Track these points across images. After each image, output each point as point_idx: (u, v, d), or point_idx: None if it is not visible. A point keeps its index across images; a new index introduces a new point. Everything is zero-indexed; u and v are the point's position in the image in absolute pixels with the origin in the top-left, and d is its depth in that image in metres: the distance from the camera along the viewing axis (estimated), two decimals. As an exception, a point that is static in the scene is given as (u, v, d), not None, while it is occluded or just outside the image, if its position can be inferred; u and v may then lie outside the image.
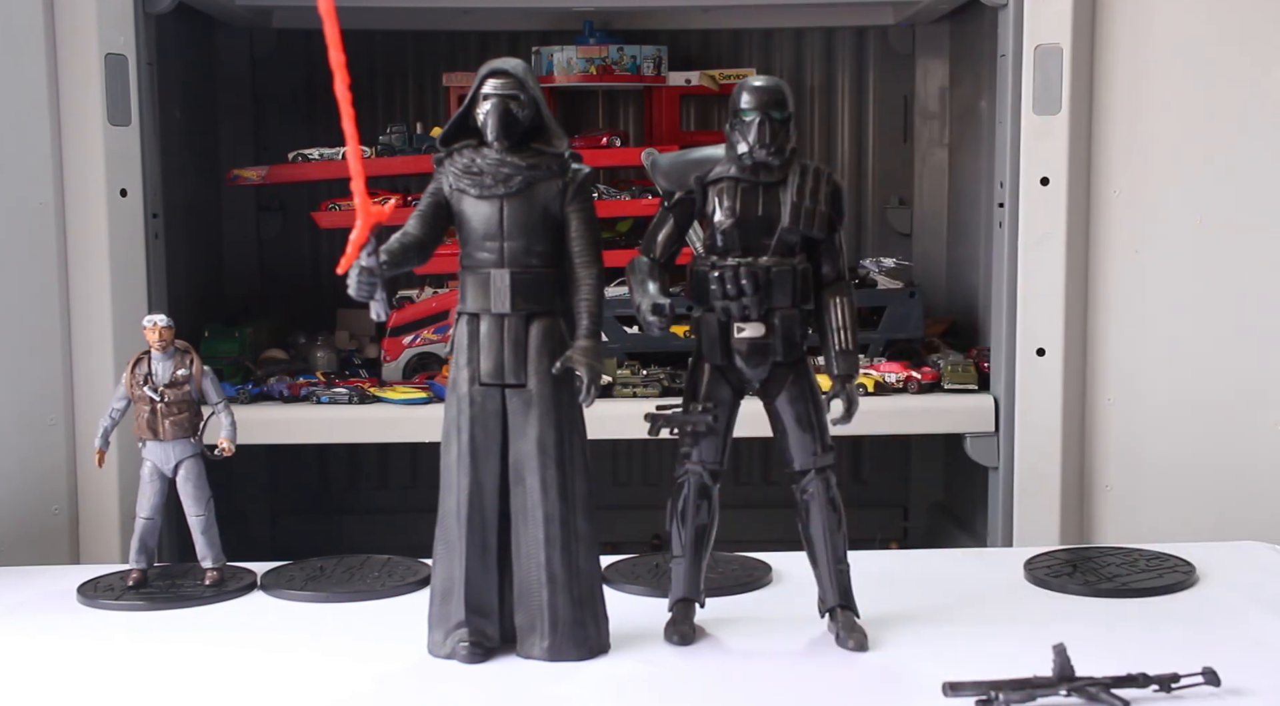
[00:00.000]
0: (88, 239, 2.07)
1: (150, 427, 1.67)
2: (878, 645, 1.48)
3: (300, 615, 1.63)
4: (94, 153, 2.06)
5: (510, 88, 1.42)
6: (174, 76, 2.39)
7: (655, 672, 1.43)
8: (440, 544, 1.47)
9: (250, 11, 2.55)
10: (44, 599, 1.69)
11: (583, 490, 1.46)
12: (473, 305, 1.45)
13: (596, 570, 1.48)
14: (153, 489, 1.69)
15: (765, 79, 1.49)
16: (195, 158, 2.58)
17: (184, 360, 1.68)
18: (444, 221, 1.46)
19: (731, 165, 1.47)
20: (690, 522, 1.51)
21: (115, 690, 1.40)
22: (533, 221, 1.43)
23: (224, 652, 1.50)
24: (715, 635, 1.53)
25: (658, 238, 1.52)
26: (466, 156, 1.44)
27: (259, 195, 2.78)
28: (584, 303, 1.44)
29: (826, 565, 1.51)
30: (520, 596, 1.46)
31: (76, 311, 2.08)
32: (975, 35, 2.52)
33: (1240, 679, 1.34)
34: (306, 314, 2.70)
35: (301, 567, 1.78)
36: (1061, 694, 1.29)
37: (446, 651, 1.46)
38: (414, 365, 2.41)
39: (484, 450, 1.45)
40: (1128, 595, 1.65)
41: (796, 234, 1.47)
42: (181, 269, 2.38)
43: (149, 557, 1.71)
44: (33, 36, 2.02)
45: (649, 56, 2.58)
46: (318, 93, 2.68)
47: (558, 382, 1.43)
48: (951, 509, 2.77)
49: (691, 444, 1.50)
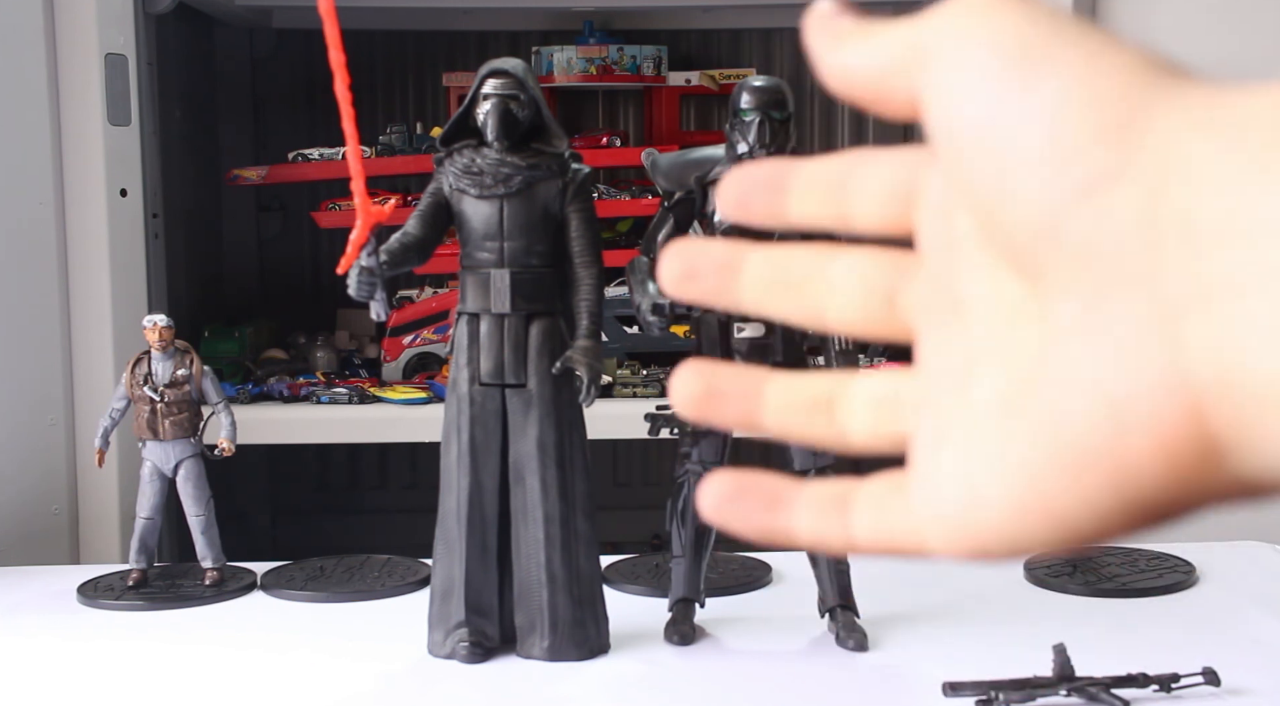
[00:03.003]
0: (88, 239, 2.07)
1: (150, 428, 1.67)
2: (878, 645, 1.48)
3: (300, 615, 1.63)
4: (94, 153, 2.06)
5: (510, 88, 1.42)
6: (174, 76, 2.39)
7: (655, 672, 1.43)
8: (440, 544, 1.47)
9: (250, 11, 2.55)
10: (44, 599, 1.69)
11: (583, 490, 1.46)
12: (473, 305, 1.45)
13: (597, 570, 1.48)
14: (153, 489, 1.69)
15: (765, 79, 1.49)
16: (195, 158, 2.58)
17: (184, 360, 1.68)
18: (444, 221, 1.46)
19: (731, 165, 1.47)
20: (690, 522, 1.51)
21: (115, 690, 1.40)
22: (533, 221, 1.44)
23: (224, 652, 1.50)
24: (715, 635, 1.53)
25: (658, 238, 1.52)
26: (466, 156, 1.44)
27: (259, 195, 2.78)
28: (584, 302, 1.44)
29: (826, 565, 1.51)
30: (520, 596, 1.46)
31: (76, 311, 2.08)
32: (975, 35, 2.52)
33: (1240, 679, 1.34)
34: (306, 314, 2.70)
35: (301, 567, 1.78)
36: (1061, 694, 1.29)
37: (446, 651, 1.46)
38: (414, 365, 2.41)
39: (484, 450, 1.45)
40: (1128, 595, 1.66)
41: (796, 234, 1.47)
42: (181, 269, 2.38)
43: (149, 557, 1.71)
44: (33, 36, 2.02)
45: (649, 56, 2.58)
46: (318, 93, 2.68)
47: (558, 382, 1.43)
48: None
49: (691, 444, 1.51)
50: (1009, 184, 0.31)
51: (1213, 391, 0.28)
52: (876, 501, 0.36)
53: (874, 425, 0.37)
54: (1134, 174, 0.29)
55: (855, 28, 0.35)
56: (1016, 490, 0.31)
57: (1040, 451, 0.30)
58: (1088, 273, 0.30)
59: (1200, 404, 0.28)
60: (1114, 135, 0.30)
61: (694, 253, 0.39)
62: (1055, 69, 0.31)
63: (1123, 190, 0.29)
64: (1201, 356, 0.28)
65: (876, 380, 0.38)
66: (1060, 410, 0.30)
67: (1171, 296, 0.28)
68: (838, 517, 0.36)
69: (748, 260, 0.39)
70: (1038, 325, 0.32)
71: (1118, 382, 0.29)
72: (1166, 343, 0.28)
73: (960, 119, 0.32)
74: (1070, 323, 0.30)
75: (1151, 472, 0.29)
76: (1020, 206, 0.31)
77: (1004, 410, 0.32)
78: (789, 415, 0.38)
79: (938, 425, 0.34)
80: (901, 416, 0.37)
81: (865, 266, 0.38)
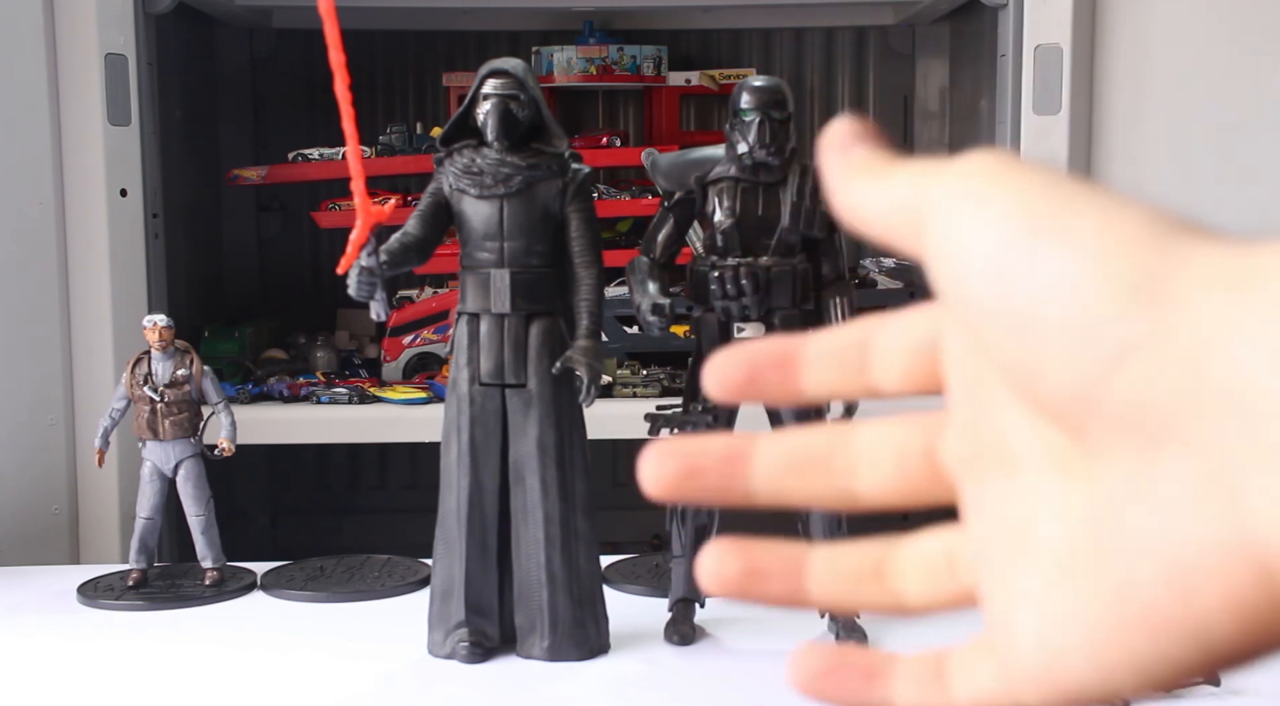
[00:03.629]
0: (88, 239, 2.07)
1: (150, 427, 1.67)
2: (878, 645, 1.48)
3: (300, 615, 1.63)
4: (94, 153, 2.06)
5: (510, 88, 1.42)
6: (174, 76, 2.39)
7: (655, 672, 1.43)
8: (440, 544, 1.47)
9: (250, 11, 2.55)
10: (44, 599, 1.69)
11: (583, 490, 1.46)
12: (473, 305, 1.45)
13: (596, 570, 1.48)
14: (153, 489, 1.69)
15: (765, 79, 1.49)
16: (195, 158, 2.58)
17: (184, 360, 1.68)
18: (444, 221, 1.46)
19: (731, 165, 1.47)
20: (690, 522, 1.51)
21: (115, 690, 1.40)
22: (533, 221, 1.44)
23: (224, 652, 1.50)
24: (715, 635, 1.54)
25: (658, 238, 1.52)
26: (466, 156, 1.44)
27: (259, 195, 2.78)
28: (584, 302, 1.44)
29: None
30: (520, 596, 1.46)
31: (76, 311, 2.08)
32: (975, 35, 2.52)
33: (1240, 679, 1.34)
34: (306, 314, 2.70)
35: (301, 567, 1.78)
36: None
37: (446, 651, 1.46)
38: (414, 365, 2.40)
39: (484, 450, 1.45)
40: (1128, 595, 1.65)
41: (796, 234, 1.47)
42: (181, 269, 2.38)
43: (149, 557, 1.71)
44: (33, 36, 2.02)
45: (649, 56, 2.58)
46: (318, 93, 2.68)
47: (558, 382, 1.43)
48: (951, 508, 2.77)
49: (691, 444, 1.50)
50: (1033, 356, 0.30)
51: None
52: (968, 667, 0.35)
53: (931, 588, 0.37)
54: (1168, 341, 0.29)
55: (868, 161, 0.35)
56: (1096, 647, 0.31)
57: (1114, 613, 0.30)
58: (1133, 437, 0.29)
59: (1267, 561, 0.28)
60: (1137, 300, 0.29)
61: (691, 448, 0.37)
62: (1066, 238, 0.30)
63: (1158, 357, 0.29)
64: (1266, 517, 0.28)
65: (924, 542, 0.38)
66: (1127, 576, 0.30)
67: (1226, 461, 0.28)
68: (937, 689, 0.36)
69: (756, 448, 0.37)
70: (1087, 479, 0.31)
71: (1182, 547, 0.29)
72: (1226, 507, 0.28)
73: (972, 288, 0.31)
74: (1123, 485, 0.30)
75: (1226, 628, 0.29)
76: (1050, 378, 0.30)
77: (1070, 570, 0.32)
78: (837, 587, 0.38)
79: (1004, 585, 0.34)
80: (957, 575, 0.36)
81: (894, 431, 0.37)
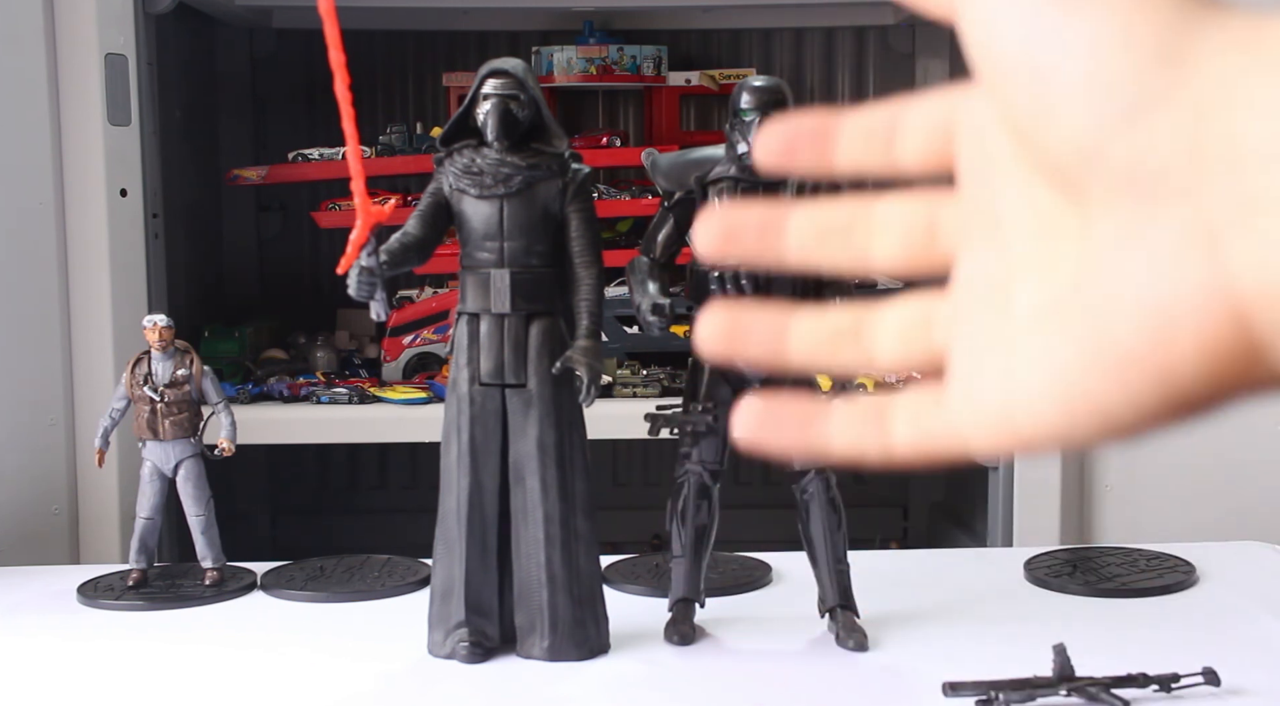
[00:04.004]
0: (88, 239, 2.07)
1: (150, 428, 1.67)
2: (878, 645, 1.48)
3: (300, 615, 1.63)
4: (94, 153, 2.06)
5: (510, 88, 1.42)
6: (174, 76, 2.39)
7: (655, 672, 1.43)
8: (440, 544, 1.47)
9: (250, 11, 2.55)
10: (44, 599, 1.69)
11: (583, 490, 1.46)
12: (473, 305, 1.45)
13: (597, 570, 1.48)
14: (153, 489, 1.69)
15: (765, 79, 1.49)
16: (195, 158, 2.58)
17: (184, 360, 1.68)
18: (444, 221, 1.46)
19: (731, 165, 1.47)
20: (690, 522, 1.51)
21: (115, 690, 1.40)
22: (533, 221, 1.44)
23: (224, 652, 1.50)
24: (715, 635, 1.53)
25: (658, 238, 1.52)
26: (466, 156, 1.44)
27: (259, 195, 2.78)
28: (584, 302, 1.44)
29: (826, 565, 1.51)
30: (520, 596, 1.46)
31: (76, 311, 2.08)
32: (975, 35, 2.52)
33: (1240, 679, 1.34)
34: (306, 314, 2.70)
35: (301, 567, 1.78)
36: (1061, 694, 1.29)
37: (446, 651, 1.46)
38: (414, 365, 2.41)
39: (484, 450, 1.45)
40: (1128, 595, 1.66)
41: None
42: (181, 269, 2.38)
43: (149, 557, 1.71)
44: (33, 36, 2.02)
45: (649, 56, 2.58)
46: (318, 93, 2.68)
47: (558, 382, 1.43)
48: (951, 509, 2.77)
49: (691, 444, 1.51)
50: (1051, 109, 0.32)
51: (1256, 299, 0.29)
52: (914, 411, 0.37)
53: (903, 345, 0.38)
54: (1179, 99, 0.30)
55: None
56: (1060, 388, 0.33)
57: (1085, 355, 0.32)
58: (1131, 191, 0.31)
59: (1242, 309, 0.30)
60: (1158, 63, 0.31)
61: (733, 215, 0.40)
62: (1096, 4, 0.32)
63: (1168, 114, 0.30)
64: (1244, 267, 0.29)
65: (905, 306, 0.39)
66: (1104, 317, 0.32)
67: (1214, 212, 0.30)
68: (875, 428, 0.38)
69: (791, 217, 0.40)
70: (1077, 239, 0.33)
71: (1161, 291, 0.30)
72: (1209, 254, 0.30)
73: (999, 45, 0.33)
74: (1113, 237, 0.32)
75: (1194, 371, 0.31)
76: (1063, 130, 0.32)
77: (1046, 319, 0.33)
78: (815, 346, 0.39)
79: (977, 335, 0.36)
80: (933, 334, 0.38)
81: (906, 204, 0.39)
